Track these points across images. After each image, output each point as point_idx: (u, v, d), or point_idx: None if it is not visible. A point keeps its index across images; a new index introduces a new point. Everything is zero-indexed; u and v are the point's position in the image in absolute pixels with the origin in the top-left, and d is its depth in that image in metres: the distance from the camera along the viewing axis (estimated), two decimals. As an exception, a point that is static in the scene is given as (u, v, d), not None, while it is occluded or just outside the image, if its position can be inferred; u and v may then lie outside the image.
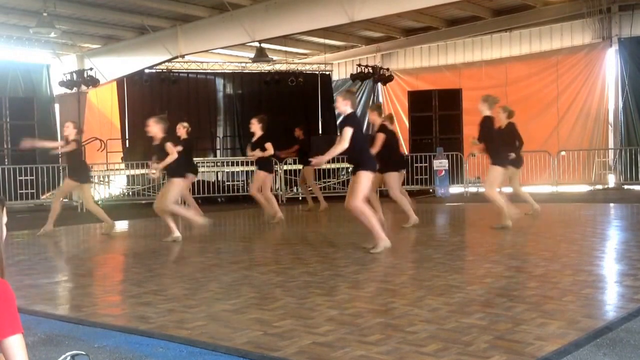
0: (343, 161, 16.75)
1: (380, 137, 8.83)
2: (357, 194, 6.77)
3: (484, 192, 9.26)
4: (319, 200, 12.73)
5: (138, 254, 7.61)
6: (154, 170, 8.98)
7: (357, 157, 7.02)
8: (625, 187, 16.67)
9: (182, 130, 10.88)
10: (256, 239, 8.87)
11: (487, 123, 8.51)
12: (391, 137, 9.13)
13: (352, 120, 6.96)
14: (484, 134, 8.51)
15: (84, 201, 10.87)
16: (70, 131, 9.45)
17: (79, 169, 9.71)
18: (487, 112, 8.52)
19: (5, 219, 2.01)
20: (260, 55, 18.56)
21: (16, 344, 1.78)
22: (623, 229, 8.89)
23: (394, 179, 9.19)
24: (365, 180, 6.85)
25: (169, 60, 17.86)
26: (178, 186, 8.70)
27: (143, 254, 7.47)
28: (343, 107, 7.02)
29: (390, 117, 10.02)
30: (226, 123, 20.34)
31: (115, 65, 18.58)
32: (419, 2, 13.66)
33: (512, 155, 9.44)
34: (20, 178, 15.04)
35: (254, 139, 10.41)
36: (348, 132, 6.73)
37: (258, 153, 10.21)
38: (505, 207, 8.46)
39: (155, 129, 8.45)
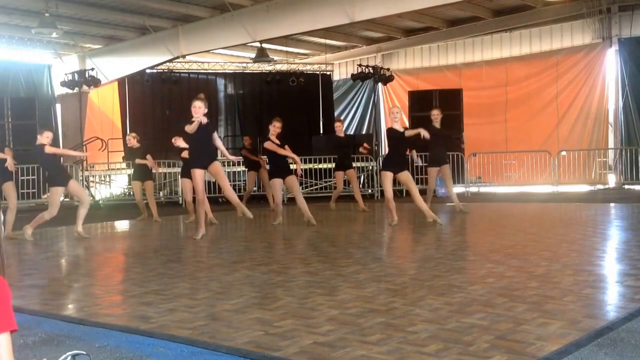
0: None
1: None
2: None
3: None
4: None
5: (139, 253, 7.61)
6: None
7: None
8: (626, 187, 16.67)
9: (132, 140, 11.91)
10: (257, 239, 8.87)
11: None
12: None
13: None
14: None
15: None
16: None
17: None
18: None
19: (2, 218, 2.01)
20: (261, 55, 18.58)
21: (3, 342, 1.74)
22: (624, 228, 8.89)
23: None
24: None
25: (170, 61, 17.88)
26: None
27: (144, 254, 7.48)
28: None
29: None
30: (227, 123, 20.35)
31: (117, 65, 18.62)
32: (419, 2, 13.67)
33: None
34: (22, 178, 15.04)
35: None
36: None
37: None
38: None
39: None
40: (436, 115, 11.19)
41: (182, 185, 12.04)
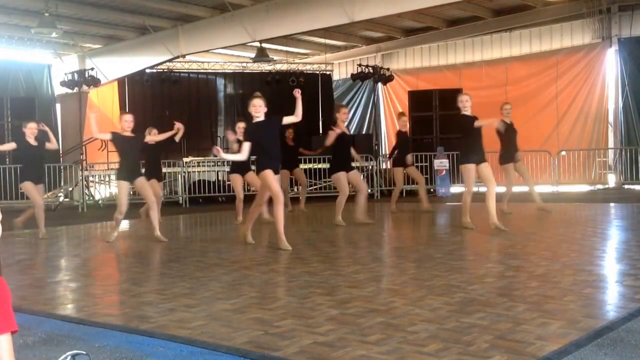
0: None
1: None
2: None
3: None
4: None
5: (139, 253, 7.61)
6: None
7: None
8: (626, 187, 16.68)
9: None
10: (257, 239, 8.87)
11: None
12: None
13: None
14: None
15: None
16: None
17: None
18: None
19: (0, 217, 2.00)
20: (261, 55, 18.58)
21: (3, 343, 1.74)
22: (623, 228, 8.89)
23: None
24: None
25: (170, 60, 17.88)
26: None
27: (144, 254, 7.48)
28: None
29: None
30: (227, 123, 20.34)
31: (117, 65, 18.61)
32: (419, 2, 13.66)
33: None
34: (21, 178, 15.03)
35: None
36: None
37: None
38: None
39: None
40: (508, 109, 10.54)
41: (232, 182, 11.10)
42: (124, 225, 11.69)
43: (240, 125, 10.80)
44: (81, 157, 16.41)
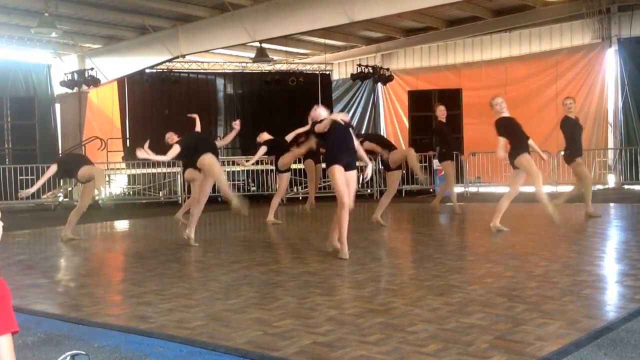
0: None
1: None
2: None
3: None
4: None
5: (138, 253, 7.61)
6: None
7: None
8: (625, 187, 16.67)
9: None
10: (256, 239, 8.87)
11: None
12: None
13: None
14: None
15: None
16: None
17: None
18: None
19: None
20: (261, 55, 18.57)
21: (4, 344, 1.74)
22: (623, 229, 8.90)
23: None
24: None
25: (169, 60, 17.87)
26: None
27: (143, 254, 7.47)
28: None
29: None
30: (227, 123, 20.32)
31: (116, 65, 18.60)
32: (419, 2, 13.65)
33: None
34: (21, 177, 15.01)
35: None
36: None
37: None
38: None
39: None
40: (569, 105, 10.26)
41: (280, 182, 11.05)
42: (124, 225, 11.70)
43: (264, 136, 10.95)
44: (81, 157, 16.39)
